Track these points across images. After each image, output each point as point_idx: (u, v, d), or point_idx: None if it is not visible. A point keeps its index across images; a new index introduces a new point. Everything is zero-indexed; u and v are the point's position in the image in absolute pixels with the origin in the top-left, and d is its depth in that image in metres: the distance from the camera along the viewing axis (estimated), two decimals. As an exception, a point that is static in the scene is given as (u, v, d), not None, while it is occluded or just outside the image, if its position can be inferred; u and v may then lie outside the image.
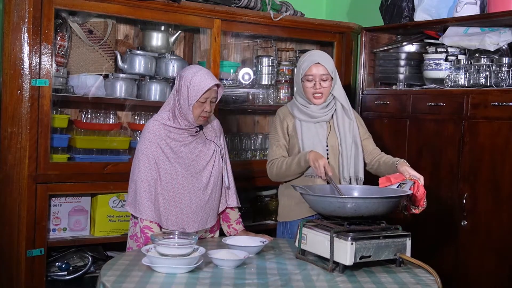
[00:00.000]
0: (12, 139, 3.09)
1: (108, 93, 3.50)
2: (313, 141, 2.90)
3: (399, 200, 2.51)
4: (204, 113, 2.71)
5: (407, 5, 3.67)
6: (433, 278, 2.25)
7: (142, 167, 2.68)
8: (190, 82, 2.67)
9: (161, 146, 2.70)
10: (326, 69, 2.90)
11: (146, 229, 2.65)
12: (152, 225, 2.66)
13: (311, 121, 2.94)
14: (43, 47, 3.10)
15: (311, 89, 2.90)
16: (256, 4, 3.80)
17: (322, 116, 2.94)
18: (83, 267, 3.43)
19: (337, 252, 2.30)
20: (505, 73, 3.07)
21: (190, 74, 2.70)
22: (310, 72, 2.89)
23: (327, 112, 2.96)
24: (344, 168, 2.92)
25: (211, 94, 2.69)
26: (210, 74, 2.74)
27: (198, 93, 2.66)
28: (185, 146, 2.75)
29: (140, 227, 2.68)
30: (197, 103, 2.67)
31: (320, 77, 2.89)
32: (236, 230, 2.91)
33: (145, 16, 3.42)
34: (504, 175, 2.96)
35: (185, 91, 2.68)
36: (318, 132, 2.93)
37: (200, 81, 2.66)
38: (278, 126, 3.00)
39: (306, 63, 2.91)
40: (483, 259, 3.04)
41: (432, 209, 3.28)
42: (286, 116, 3.00)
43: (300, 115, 2.95)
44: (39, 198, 3.14)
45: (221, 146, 2.88)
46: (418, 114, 3.41)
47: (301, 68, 2.93)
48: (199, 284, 2.14)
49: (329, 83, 2.91)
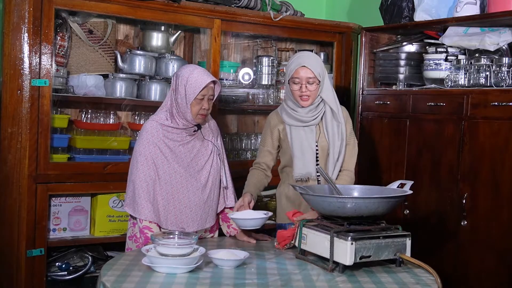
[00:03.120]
0: (12, 139, 3.09)
1: (108, 93, 3.50)
2: (302, 145, 2.89)
3: (399, 200, 2.51)
4: (202, 110, 2.72)
5: (407, 5, 3.67)
6: (433, 278, 2.25)
7: (140, 168, 2.68)
8: (187, 80, 2.69)
9: (159, 146, 2.70)
10: (313, 72, 2.85)
11: (146, 229, 2.65)
12: (152, 225, 2.66)
13: (300, 125, 2.92)
14: (43, 47, 3.10)
15: (297, 92, 2.88)
16: (256, 4, 3.80)
17: (310, 120, 2.92)
18: (83, 267, 3.43)
19: (337, 252, 2.30)
20: (505, 73, 3.06)
21: (186, 73, 2.72)
22: (296, 75, 2.85)
23: (316, 115, 2.92)
24: (335, 170, 2.91)
25: (208, 91, 2.72)
26: (206, 71, 2.78)
27: (195, 90, 2.67)
28: (184, 145, 2.75)
29: (139, 227, 2.68)
30: (195, 100, 2.69)
31: (307, 80, 2.84)
32: (236, 230, 2.91)
33: (145, 16, 3.42)
34: (504, 175, 2.96)
35: (182, 89, 2.70)
36: (308, 136, 2.91)
37: (197, 79, 2.69)
38: (268, 132, 3.02)
39: (292, 65, 2.88)
40: (483, 259, 3.04)
41: (432, 209, 3.30)
42: (276, 123, 3.00)
43: (289, 120, 2.94)
44: (39, 198, 3.14)
45: (218, 146, 2.89)
46: (418, 114, 3.41)
47: (288, 70, 2.91)
48: (199, 284, 2.14)
49: (316, 86, 2.87)
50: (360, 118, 3.76)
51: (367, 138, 3.69)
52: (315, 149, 2.92)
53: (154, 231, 2.63)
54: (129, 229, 2.83)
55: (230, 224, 2.93)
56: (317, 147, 2.93)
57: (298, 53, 3.04)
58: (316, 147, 2.93)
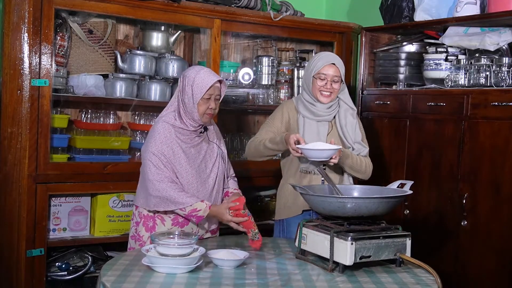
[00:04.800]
0: (12, 139, 3.09)
1: (108, 93, 3.50)
2: (313, 138, 2.91)
3: (399, 200, 2.51)
4: (209, 110, 2.73)
5: (407, 5, 3.67)
6: (433, 278, 2.25)
7: (158, 166, 2.66)
8: (193, 80, 2.71)
9: (173, 148, 2.70)
10: (339, 71, 2.94)
11: (193, 212, 2.64)
12: (196, 205, 2.64)
13: (314, 119, 2.97)
14: (43, 47, 3.10)
15: (322, 88, 2.93)
16: (256, 4, 3.80)
17: (325, 115, 2.97)
18: (83, 267, 3.43)
19: (337, 252, 2.30)
20: (505, 73, 3.06)
21: (193, 73, 2.73)
22: (324, 71, 2.92)
23: (330, 112, 2.99)
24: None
25: (214, 91, 2.73)
26: (212, 72, 2.80)
27: (202, 89, 2.69)
28: (194, 147, 2.77)
29: (184, 215, 2.67)
30: (202, 100, 2.70)
31: (332, 78, 2.92)
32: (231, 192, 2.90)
33: (145, 16, 3.42)
34: (504, 175, 2.96)
35: (189, 89, 2.71)
36: (319, 130, 2.96)
37: (204, 78, 2.70)
38: (278, 115, 3.05)
39: (321, 62, 2.94)
40: (483, 259, 3.04)
41: (432, 209, 3.30)
42: (290, 109, 3.04)
43: (304, 112, 2.98)
44: (39, 198, 3.14)
45: (222, 149, 2.91)
46: (418, 114, 3.41)
47: (315, 66, 2.95)
48: (199, 284, 2.14)
49: (339, 85, 2.95)
50: (360, 118, 3.76)
51: (367, 138, 3.68)
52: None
53: (201, 208, 2.62)
54: (131, 228, 2.83)
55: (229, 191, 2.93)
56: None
57: (323, 52, 3.14)
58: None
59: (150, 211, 2.74)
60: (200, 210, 2.63)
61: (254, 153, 3.00)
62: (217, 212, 2.68)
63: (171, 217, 2.74)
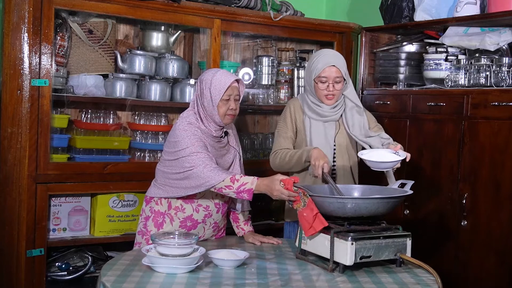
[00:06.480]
0: (12, 139, 3.09)
1: (108, 93, 3.50)
2: (320, 140, 2.90)
3: (399, 200, 2.51)
4: (230, 110, 2.71)
5: (407, 5, 3.67)
6: (433, 278, 2.25)
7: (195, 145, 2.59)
8: (211, 83, 2.69)
9: (204, 142, 2.67)
10: (340, 71, 2.89)
11: (242, 187, 2.52)
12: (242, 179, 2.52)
13: (321, 120, 2.94)
14: (43, 47, 3.10)
15: (324, 91, 2.89)
16: (256, 4, 3.80)
17: (331, 116, 2.95)
18: (83, 267, 3.43)
19: (337, 252, 2.30)
20: (505, 73, 3.07)
21: (209, 76, 2.72)
22: (324, 74, 2.87)
23: (336, 111, 2.96)
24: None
25: (233, 91, 2.71)
26: (229, 72, 2.78)
27: (220, 91, 2.67)
28: (216, 150, 2.75)
29: (234, 193, 2.53)
30: (221, 101, 2.68)
31: (334, 80, 2.87)
32: (244, 231, 2.91)
33: (145, 16, 3.42)
34: (504, 175, 2.96)
35: (207, 92, 2.69)
36: (327, 131, 2.94)
37: (221, 80, 2.68)
38: (288, 117, 2.99)
39: (320, 64, 2.88)
40: (483, 259, 3.04)
41: (432, 209, 3.30)
42: (296, 109, 3.00)
43: (310, 113, 2.96)
44: (39, 198, 3.14)
45: (240, 153, 2.90)
46: (418, 114, 3.41)
47: (315, 69, 2.90)
48: (199, 284, 2.14)
49: (341, 85, 2.91)
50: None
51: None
52: (333, 147, 2.94)
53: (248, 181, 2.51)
54: (139, 224, 2.81)
55: (239, 225, 2.93)
56: (334, 145, 2.95)
57: (322, 51, 3.03)
58: (334, 145, 2.95)
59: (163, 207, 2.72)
60: (247, 182, 2.50)
61: (281, 168, 2.90)
62: (268, 182, 2.49)
63: (180, 219, 2.73)
